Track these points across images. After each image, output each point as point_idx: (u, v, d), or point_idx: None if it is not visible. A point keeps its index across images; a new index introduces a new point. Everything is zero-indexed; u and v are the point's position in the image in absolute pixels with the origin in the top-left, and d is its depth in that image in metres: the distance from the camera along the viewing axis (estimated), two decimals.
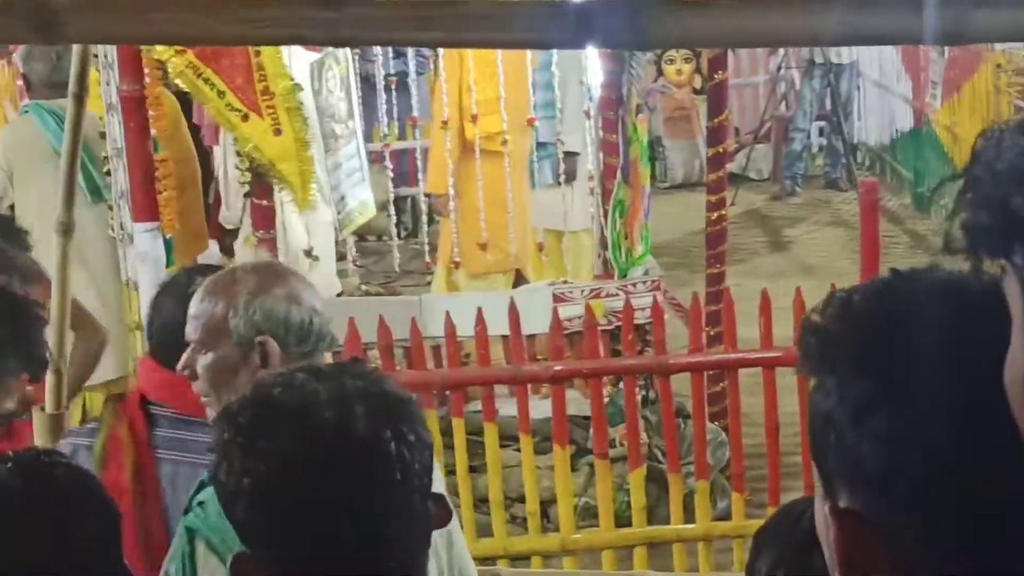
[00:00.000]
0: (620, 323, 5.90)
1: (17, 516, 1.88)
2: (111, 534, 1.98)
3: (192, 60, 5.03)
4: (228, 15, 2.09)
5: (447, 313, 5.65)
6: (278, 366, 2.75)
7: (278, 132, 5.32)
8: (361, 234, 10.32)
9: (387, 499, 1.92)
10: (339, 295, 7.42)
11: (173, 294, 3.27)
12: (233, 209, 6.81)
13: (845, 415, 1.28)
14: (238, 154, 5.88)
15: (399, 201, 11.23)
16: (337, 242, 8.08)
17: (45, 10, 1.94)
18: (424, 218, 10.13)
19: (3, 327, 2.41)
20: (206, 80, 5.12)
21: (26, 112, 6.28)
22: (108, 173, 5.28)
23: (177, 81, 5.13)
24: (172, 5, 2.29)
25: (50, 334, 3.31)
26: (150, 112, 4.93)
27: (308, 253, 6.97)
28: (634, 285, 6.61)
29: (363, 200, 8.39)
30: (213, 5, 2.78)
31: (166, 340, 3.20)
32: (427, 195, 9.52)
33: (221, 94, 5.08)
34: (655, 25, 1.91)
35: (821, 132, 14.17)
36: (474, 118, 8.06)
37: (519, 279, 8.35)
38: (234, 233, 6.94)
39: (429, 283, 9.50)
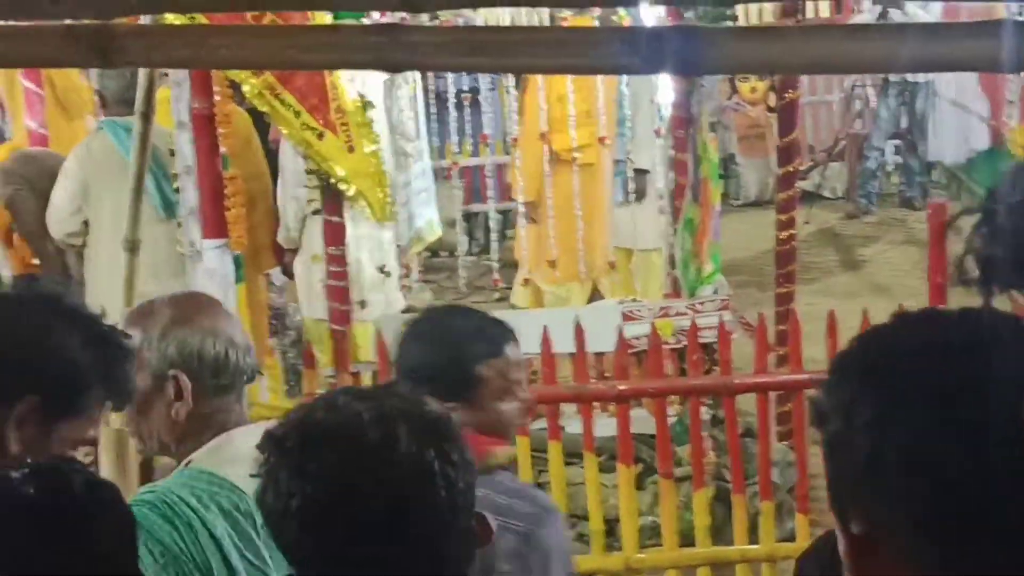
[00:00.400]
0: None
1: (29, 524, 1.87)
2: (126, 544, 1.98)
3: (269, 80, 5.08)
4: (283, 40, 2.16)
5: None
6: (190, 400, 2.72)
7: (351, 149, 5.36)
8: (433, 250, 10.37)
9: (432, 517, 1.95)
10: (405, 311, 7.45)
11: (419, 334, 3.18)
12: (292, 229, 6.84)
13: (839, 421, 1.40)
14: (307, 172, 5.93)
15: (471, 217, 11.28)
16: (405, 257, 8.14)
17: (105, 36, 1.99)
18: (493, 235, 10.17)
19: (92, 357, 2.42)
20: (282, 101, 5.17)
21: (100, 129, 6.39)
22: (179, 190, 5.35)
23: (254, 102, 5.17)
24: (229, 31, 2.33)
25: None
26: (219, 129, 4.97)
27: (381, 269, 7.01)
28: (702, 304, 6.59)
29: (430, 219, 8.46)
30: (268, 31, 2.81)
31: (411, 383, 3.16)
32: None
33: (297, 114, 5.13)
34: (714, 52, 1.93)
35: (896, 150, 14.05)
36: (543, 136, 8.12)
37: (595, 293, 8.39)
38: (292, 253, 6.97)
39: (498, 299, 9.54)
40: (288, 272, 7.15)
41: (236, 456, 2.65)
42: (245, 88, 4.98)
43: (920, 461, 1.32)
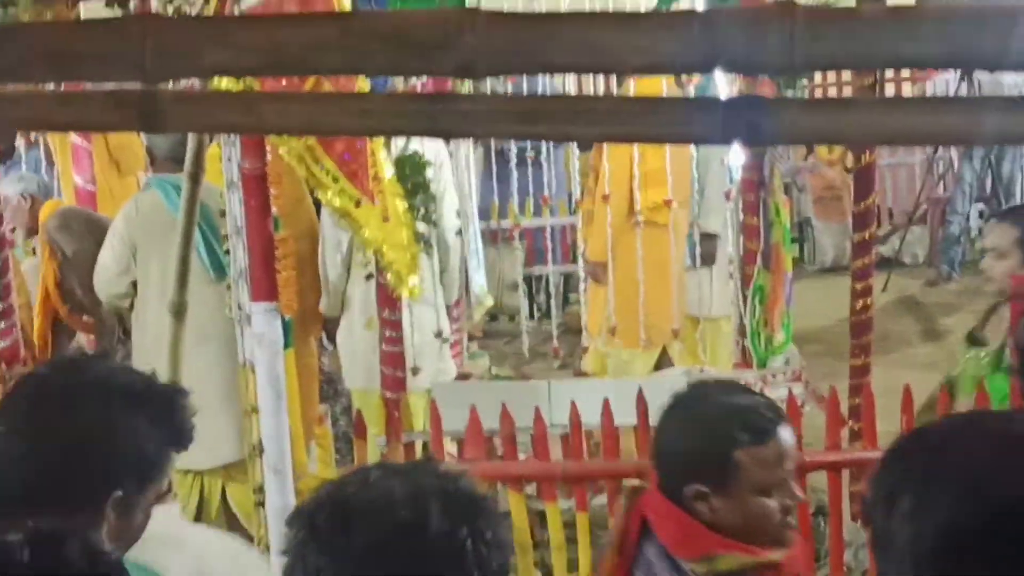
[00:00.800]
0: None
1: None
2: None
3: (310, 144, 4.94)
4: (330, 106, 2.12)
5: (572, 403, 5.47)
6: None
7: (387, 219, 5.23)
8: (493, 313, 10.21)
9: None
10: (459, 378, 7.28)
11: (679, 409, 3.02)
12: (333, 295, 6.69)
13: (882, 510, 1.53)
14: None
15: (532, 280, 11.08)
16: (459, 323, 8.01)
17: (149, 101, 1.98)
18: (552, 300, 10.03)
19: (160, 431, 2.54)
20: (321, 166, 5.03)
21: (148, 187, 6.26)
22: (228, 252, 5.22)
23: (292, 164, 5.03)
24: (277, 96, 2.29)
25: None
26: (271, 190, 4.84)
27: (438, 335, 6.86)
28: (773, 375, 6.45)
29: (482, 284, 8.33)
30: (315, 97, 2.75)
31: (668, 467, 2.98)
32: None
33: (335, 180, 4.99)
34: (789, 122, 1.85)
35: (981, 215, 13.73)
36: (605, 198, 7.94)
37: (664, 357, 8.19)
38: (335, 321, 6.82)
39: (559, 367, 9.37)
40: (331, 339, 7.00)
41: (146, 536, 2.66)
42: (282, 150, 4.81)
43: (955, 543, 1.45)
